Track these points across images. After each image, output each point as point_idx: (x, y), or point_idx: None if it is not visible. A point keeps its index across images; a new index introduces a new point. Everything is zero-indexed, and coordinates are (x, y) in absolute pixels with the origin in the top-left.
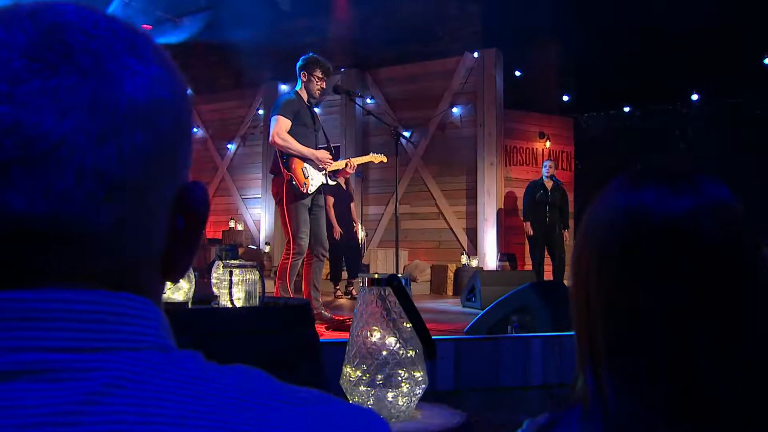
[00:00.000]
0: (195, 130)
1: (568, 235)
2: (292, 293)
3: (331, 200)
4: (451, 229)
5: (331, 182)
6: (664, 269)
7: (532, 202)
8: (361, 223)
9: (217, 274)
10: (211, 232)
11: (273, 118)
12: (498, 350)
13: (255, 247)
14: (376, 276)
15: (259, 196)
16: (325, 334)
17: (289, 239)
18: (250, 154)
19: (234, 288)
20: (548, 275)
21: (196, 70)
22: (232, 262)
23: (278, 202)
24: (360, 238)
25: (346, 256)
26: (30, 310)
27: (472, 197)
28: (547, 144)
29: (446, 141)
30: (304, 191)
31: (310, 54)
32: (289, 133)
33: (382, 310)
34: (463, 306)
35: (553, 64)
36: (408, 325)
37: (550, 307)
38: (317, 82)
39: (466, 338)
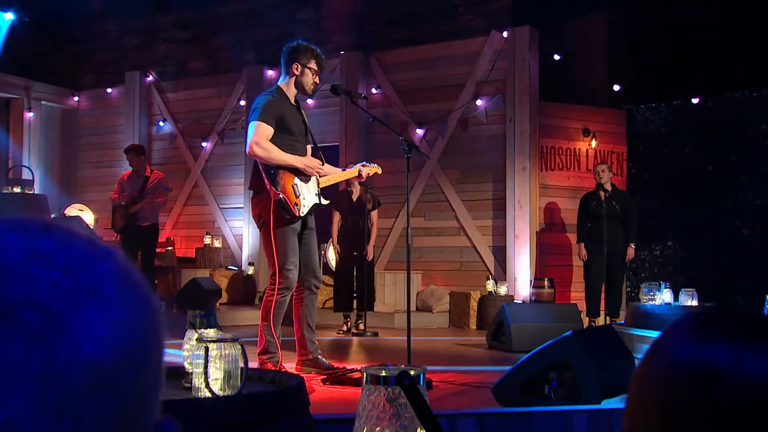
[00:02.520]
0: (162, 123)
1: (632, 252)
2: (278, 339)
3: (336, 216)
4: (475, 247)
5: (325, 202)
6: None
7: (586, 218)
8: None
9: (190, 346)
10: (182, 249)
11: (251, 124)
12: (531, 428)
13: (235, 269)
14: (383, 373)
15: (241, 205)
16: (321, 390)
17: (275, 271)
18: (230, 154)
19: (210, 366)
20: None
21: (162, 50)
22: (209, 334)
23: (261, 226)
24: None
25: (359, 282)
26: None
27: (500, 209)
28: (593, 143)
29: (468, 140)
30: (296, 214)
31: (300, 41)
32: (272, 142)
33: (391, 415)
34: (490, 346)
35: (600, 44)
36: None
37: (599, 363)
38: (312, 75)
39: (491, 412)
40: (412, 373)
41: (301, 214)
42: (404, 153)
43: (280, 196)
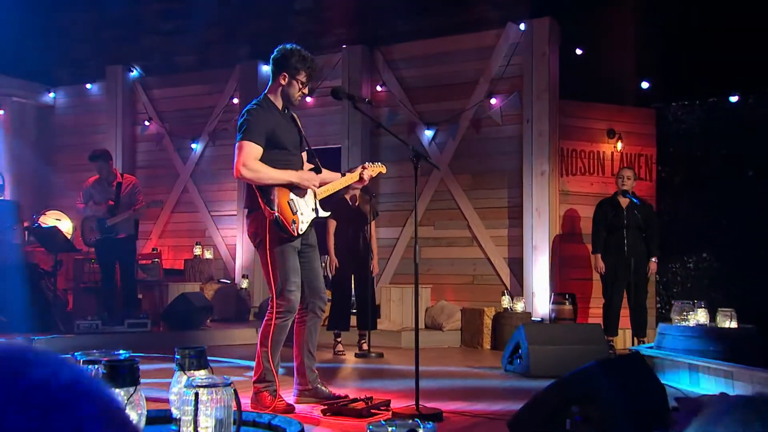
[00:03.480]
0: (147, 123)
1: (655, 267)
2: (275, 369)
3: (332, 225)
4: (489, 259)
5: (323, 214)
6: None
7: (604, 226)
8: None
9: (178, 389)
10: (169, 261)
11: (237, 145)
12: None
13: (228, 282)
14: None
15: (234, 212)
16: (322, 422)
17: (274, 294)
18: (222, 157)
19: (201, 414)
20: (624, 321)
21: (146, 42)
22: (200, 377)
23: (258, 245)
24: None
25: (358, 298)
26: None
27: (516, 217)
28: (619, 146)
29: (482, 142)
30: (294, 233)
31: (292, 46)
32: (263, 160)
33: None
34: (505, 370)
35: (627, 36)
36: None
37: (626, 395)
38: (299, 87)
39: None
40: (420, 428)
41: (300, 232)
42: (412, 162)
43: (276, 215)
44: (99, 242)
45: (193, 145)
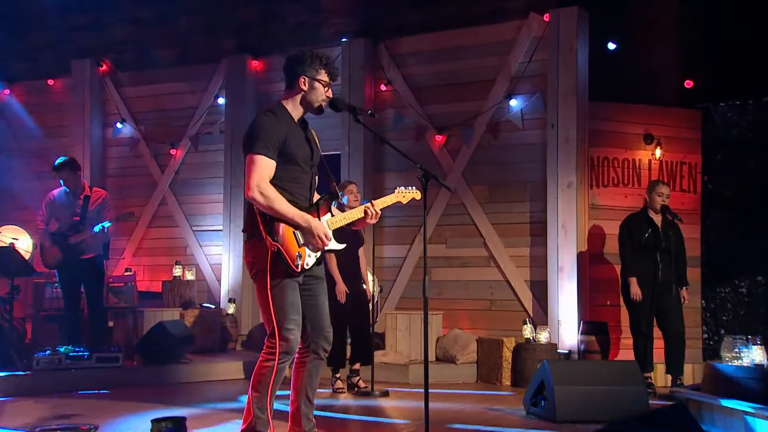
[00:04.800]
0: (120, 125)
1: (686, 296)
2: (270, 418)
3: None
4: (508, 282)
5: (335, 247)
6: None
7: (635, 246)
8: (373, 275)
9: None
10: (145, 282)
11: (249, 158)
12: None
13: (212, 307)
14: None
15: (220, 227)
16: None
17: (272, 332)
18: (206, 164)
19: None
20: (657, 353)
21: (117, 32)
22: None
23: (255, 276)
24: (373, 298)
25: (352, 328)
26: None
27: (539, 234)
28: (657, 153)
29: (500, 149)
30: (297, 269)
31: (307, 50)
32: (273, 177)
33: None
34: (528, 413)
35: (668, 27)
36: None
37: None
38: (324, 90)
39: None
40: None
41: (306, 268)
42: (421, 182)
43: (278, 247)
44: (62, 263)
45: (173, 151)
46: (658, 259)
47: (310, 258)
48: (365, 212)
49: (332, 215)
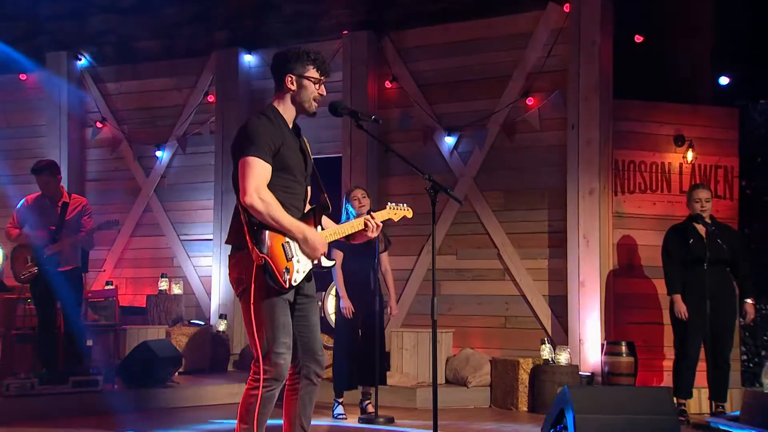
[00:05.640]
0: (100, 125)
1: (753, 311)
2: None
3: (339, 257)
4: (525, 297)
5: (326, 263)
6: None
7: (677, 260)
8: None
9: None
10: (128, 297)
11: (243, 161)
12: None
13: (201, 324)
14: None
15: (210, 236)
16: None
17: (258, 356)
18: (195, 168)
19: None
20: (700, 377)
21: (97, 22)
22: None
23: (241, 295)
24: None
25: (362, 347)
26: None
27: (558, 245)
28: (689, 155)
29: (516, 152)
30: (285, 284)
31: (294, 46)
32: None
33: None
34: None
35: (702, 16)
36: None
37: None
38: (314, 87)
39: None
40: None
41: (294, 284)
42: (429, 194)
43: (264, 260)
44: (36, 277)
45: (158, 153)
46: (705, 273)
47: (298, 274)
48: (366, 225)
49: (322, 229)
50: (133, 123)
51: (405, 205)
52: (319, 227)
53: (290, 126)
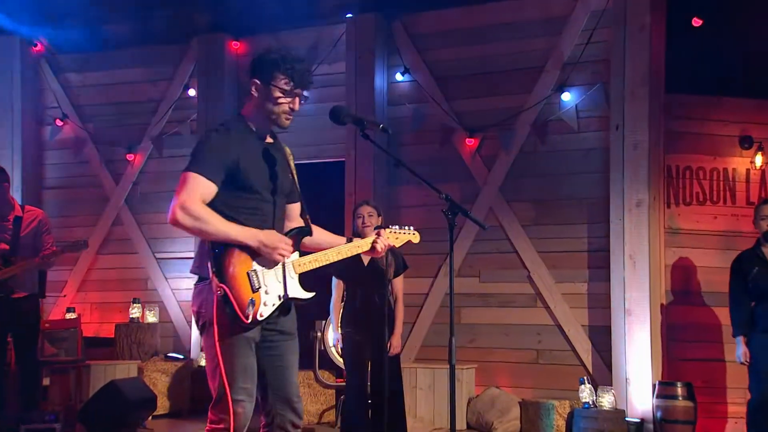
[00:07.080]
0: (60, 122)
1: None
2: None
3: (340, 288)
4: (560, 327)
5: (303, 296)
6: None
7: (746, 293)
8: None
9: None
10: (93, 327)
11: (181, 175)
12: None
13: (180, 357)
14: None
15: (190, 254)
16: None
17: (217, 400)
18: (173, 174)
19: None
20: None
21: (60, 4)
22: None
23: (203, 330)
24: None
25: (376, 388)
26: None
27: (600, 266)
28: (758, 160)
29: (549, 157)
30: (246, 319)
31: (274, 49)
32: (218, 203)
33: None
34: None
35: None
36: None
37: None
38: (281, 98)
39: None
40: None
41: (259, 318)
42: (446, 216)
43: (223, 291)
44: None
45: (130, 156)
46: None
47: (266, 307)
48: (373, 247)
49: (300, 254)
50: (100, 120)
51: (411, 228)
52: (295, 254)
53: (264, 138)
